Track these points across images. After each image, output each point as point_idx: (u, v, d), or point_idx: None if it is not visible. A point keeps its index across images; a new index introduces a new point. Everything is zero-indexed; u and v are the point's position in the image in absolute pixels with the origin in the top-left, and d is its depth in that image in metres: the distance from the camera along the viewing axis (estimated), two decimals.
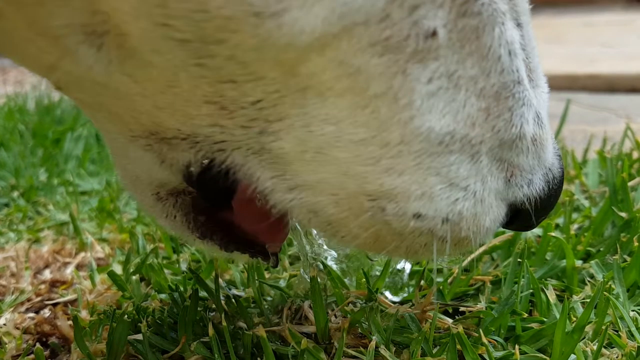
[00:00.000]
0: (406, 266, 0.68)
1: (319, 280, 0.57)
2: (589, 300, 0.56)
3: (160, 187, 0.44)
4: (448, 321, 0.60)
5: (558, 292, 0.64)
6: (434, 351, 0.55)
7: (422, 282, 0.67)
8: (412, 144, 0.36)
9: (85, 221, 1.02)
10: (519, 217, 0.42)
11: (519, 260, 0.65)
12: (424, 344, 0.55)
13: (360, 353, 0.56)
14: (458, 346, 0.53)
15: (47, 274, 0.84)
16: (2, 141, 1.55)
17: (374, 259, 0.68)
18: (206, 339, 0.57)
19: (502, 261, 0.72)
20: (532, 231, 0.77)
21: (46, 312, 0.74)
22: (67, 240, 0.94)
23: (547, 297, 0.61)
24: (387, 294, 0.66)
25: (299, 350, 0.54)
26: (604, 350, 0.54)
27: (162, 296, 0.70)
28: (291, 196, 0.39)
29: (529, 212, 0.42)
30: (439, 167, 0.37)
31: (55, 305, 0.76)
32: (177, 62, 0.33)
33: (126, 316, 0.62)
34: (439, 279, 0.69)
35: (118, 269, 0.79)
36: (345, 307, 0.61)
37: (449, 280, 0.67)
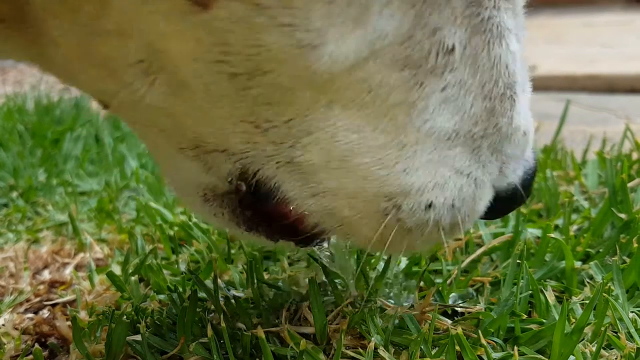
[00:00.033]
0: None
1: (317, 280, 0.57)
2: (588, 302, 0.56)
3: (207, 190, 0.47)
4: (447, 322, 0.60)
5: (557, 293, 0.64)
6: (433, 352, 0.55)
7: (422, 283, 0.67)
8: (425, 143, 0.40)
9: (84, 222, 1.02)
10: (497, 204, 0.45)
11: (518, 261, 0.65)
12: (423, 345, 0.55)
13: (359, 354, 0.56)
14: (457, 347, 0.53)
15: (46, 275, 0.84)
16: (1, 141, 1.55)
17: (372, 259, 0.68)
18: (205, 339, 0.57)
19: (502, 262, 0.72)
20: (532, 232, 0.77)
21: (45, 313, 0.74)
22: (66, 241, 0.94)
23: (546, 298, 0.61)
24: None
25: (297, 351, 0.54)
26: (603, 351, 0.54)
27: (161, 297, 0.70)
28: (312, 201, 0.43)
29: (507, 199, 0.45)
30: (447, 159, 0.41)
31: (54, 305, 0.76)
32: (222, 91, 0.37)
33: (125, 317, 0.62)
34: (438, 279, 0.69)
35: (117, 269, 0.79)
36: (344, 307, 0.61)
37: (448, 282, 0.67)
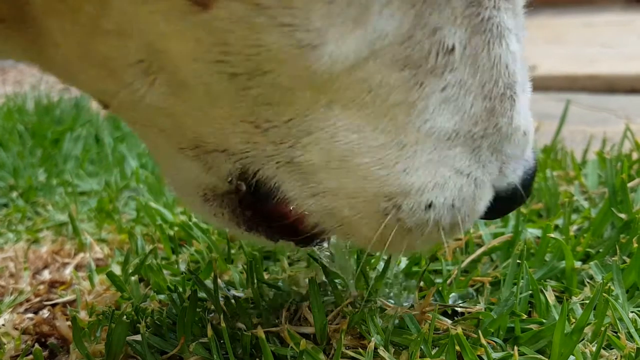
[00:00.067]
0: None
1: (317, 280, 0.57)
2: (588, 302, 0.56)
3: (207, 190, 0.47)
4: (447, 322, 0.60)
5: (557, 293, 0.64)
6: (433, 352, 0.55)
7: (422, 283, 0.67)
8: (425, 143, 0.40)
9: (84, 222, 1.02)
10: (497, 204, 0.45)
11: (518, 261, 0.65)
12: (423, 345, 0.55)
13: (359, 354, 0.56)
14: (457, 347, 0.53)
15: (46, 275, 0.84)
16: (1, 141, 1.55)
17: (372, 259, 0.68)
18: (205, 339, 0.57)
19: (502, 262, 0.72)
20: (532, 232, 0.77)
21: (45, 313, 0.74)
22: (66, 241, 0.94)
23: (546, 298, 0.61)
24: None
25: (297, 351, 0.54)
26: (603, 351, 0.54)
27: (161, 297, 0.70)
28: (312, 201, 0.43)
29: (507, 199, 0.45)
30: (447, 159, 0.41)
31: (54, 305, 0.75)
32: (222, 91, 0.37)
33: (125, 317, 0.62)
34: (438, 279, 0.68)
35: (117, 269, 0.79)
36: (344, 307, 0.61)
37: (448, 282, 0.67)
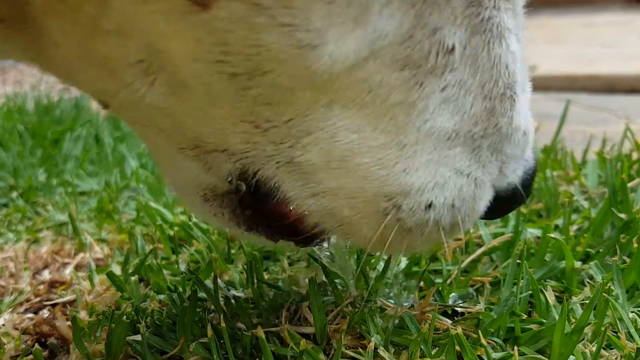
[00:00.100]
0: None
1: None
2: (588, 302, 0.56)
3: (207, 190, 0.47)
4: (447, 322, 0.60)
5: (557, 293, 0.64)
6: (433, 352, 0.55)
7: (422, 283, 0.67)
8: (425, 143, 0.40)
9: (84, 222, 1.02)
10: (497, 204, 0.45)
11: (518, 261, 0.65)
12: (423, 345, 0.55)
13: (359, 354, 0.56)
14: (457, 347, 0.53)
15: (46, 275, 0.84)
16: (1, 141, 1.55)
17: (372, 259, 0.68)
18: (205, 339, 0.57)
19: (502, 262, 0.72)
20: (532, 232, 0.77)
21: (45, 313, 0.74)
22: (66, 241, 0.94)
23: (546, 298, 0.61)
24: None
25: (297, 351, 0.54)
26: (603, 351, 0.54)
27: (161, 297, 0.70)
28: (312, 201, 0.43)
29: (507, 199, 0.45)
30: (447, 159, 0.41)
31: (54, 305, 0.76)
32: (222, 91, 0.37)
33: (125, 317, 0.62)
34: (438, 279, 0.68)
35: (117, 269, 0.79)
36: (344, 307, 0.61)
37: (448, 282, 0.67)
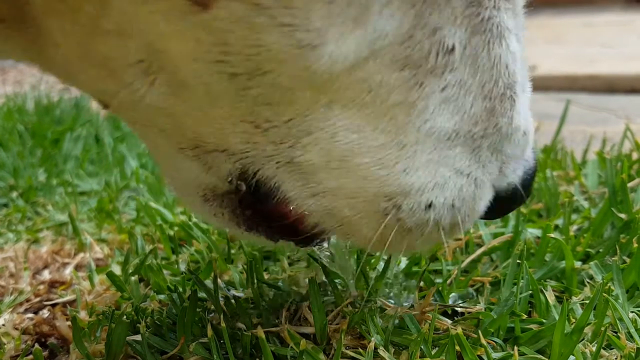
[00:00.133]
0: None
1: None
2: (588, 302, 0.56)
3: (207, 190, 0.47)
4: (447, 322, 0.60)
5: (557, 293, 0.64)
6: (433, 352, 0.55)
7: (422, 283, 0.67)
8: (425, 143, 0.40)
9: (84, 222, 1.02)
10: (497, 204, 0.45)
11: (518, 261, 0.65)
12: (423, 345, 0.55)
13: (359, 354, 0.56)
14: (457, 347, 0.53)
15: (46, 275, 0.84)
16: (1, 141, 1.55)
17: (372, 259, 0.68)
18: (205, 339, 0.57)
19: (502, 262, 0.72)
20: (532, 232, 0.77)
21: (45, 313, 0.74)
22: (66, 241, 0.94)
23: (546, 298, 0.61)
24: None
25: (297, 351, 0.54)
26: (603, 351, 0.54)
27: (161, 297, 0.70)
28: (312, 201, 0.43)
29: (507, 199, 0.45)
30: (447, 159, 0.41)
31: (54, 305, 0.76)
32: (222, 91, 0.37)
33: (125, 317, 0.62)
34: (438, 279, 0.68)
35: (117, 269, 0.79)
36: (344, 307, 0.61)
37: (448, 282, 0.67)
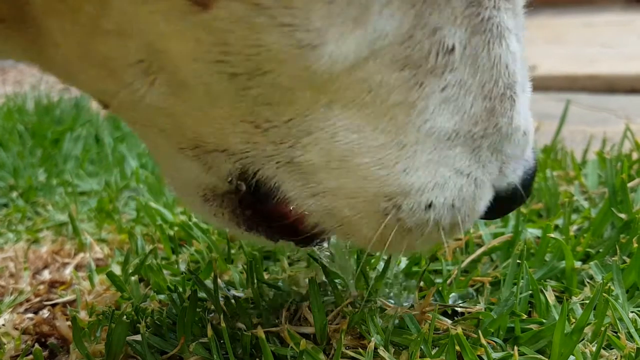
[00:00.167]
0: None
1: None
2: (588, 302, 0.56)
3: (207, 190, 0.47)
4: (447, 322, 0.60)
5: (557, 293, 0.64)
6: (433, 352, 0.55)
7: (422, 283, 0.67)
8: (425, 143, 0.40)
9: (84, 222, 1.02)
10: (497, 204, 0.45)
11: (518, 261, 0.65)
12: (423, 345, 0.55)
13: (359, 354, 0.56)
14: (457, 347, 0.53)
15: (46, 275, 0.84)
16: (1, 141, 1.55)
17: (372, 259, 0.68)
18: (205, 339, 0.57)
19: (502, 262, 0.72)
20: (532, 232, 0.77)
21: (45, 313, 0.74)
22: (66, 241, 0.94)
23: (546, 298, 0.61)
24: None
25: (297, 351, 0.54)
26: (603, 351, 0.54)
27: (161, 297, 0.70)
28: (312, 201, 0.43)
29: (507, 199, 0.45)
30: (447, 159, 0.41)
31: (54, 305, 0.75)
32: (222, 91, 0.37)
33: (125, 317, 0.62)
34: (438, 279, 0.68)
35: (117, 269, 0.79)
36: (344, 307, 0.61)
37: (448, 282, 0.67)
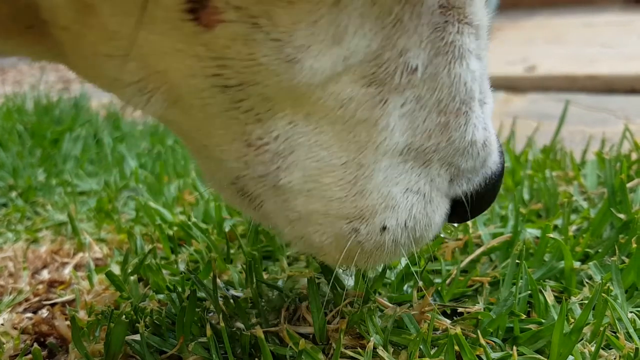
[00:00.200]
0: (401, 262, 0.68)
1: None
2: (587, 302, 0.56)
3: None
4: (446, 322, 0.60)
5: (556, 294, 0.64)
6: (432, 352, 0.55)
7: (420, 283, 0.67)
8: (382, 162, 0.41)
9: (83, 221, 1.02)
10: (457, 209, 0.47)
11: (517, 261, 0.65)
12: (422, 345, 0.55)
13: (358, 354, 0.56)
14: (456, 347, 0.53)
15: (45, 274, 0.84)
16: (1, 141, 1.55)
17: None
18: (204, 339, 0.57)
19: (501, 262, 0.72)
20: (531, 232, 0.77)
21: (44, 312, 0.74)
22: (65, 241, 0.94)
23: (545, 298, 0.61)
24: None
25: (297, 350, 0.54)
26: (602, 351, 0.54)
27: (160, 296, 0.70)
28: (288, 229, 0.45)
29: (465, 207, 0.47)
30: (398, 177, 0.42)
31: (53, 305, 0.76)
32: (215, 104, 0.38)
33: (124, 316, 0.62)
34: (437, 279, 0.69)
35: (116, 269, 0.79)
36: (344, 307, 0.61)
37: (447, 282, 0.67)
